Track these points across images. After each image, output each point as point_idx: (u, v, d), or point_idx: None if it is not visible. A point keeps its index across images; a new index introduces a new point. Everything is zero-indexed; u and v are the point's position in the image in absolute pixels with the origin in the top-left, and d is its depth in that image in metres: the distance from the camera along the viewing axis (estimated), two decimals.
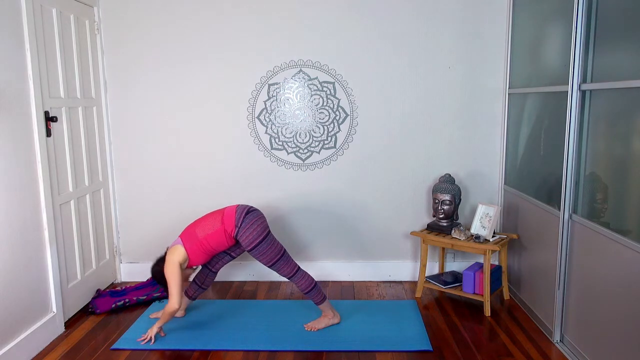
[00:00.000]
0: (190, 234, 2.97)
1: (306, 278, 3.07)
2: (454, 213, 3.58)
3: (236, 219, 2.95)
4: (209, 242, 2.95)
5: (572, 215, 2.79)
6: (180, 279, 2.91)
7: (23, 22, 2.84)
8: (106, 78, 3.78)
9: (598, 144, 2.61)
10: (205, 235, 2.94)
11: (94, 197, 3.65)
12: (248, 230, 2.93)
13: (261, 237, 2.94)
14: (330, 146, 3.84)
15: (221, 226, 2.95)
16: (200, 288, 3.26)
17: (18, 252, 2.79)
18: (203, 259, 3.01)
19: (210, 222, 2.98)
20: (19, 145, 2.80)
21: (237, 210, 2.99)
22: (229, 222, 2.95)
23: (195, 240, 2.95)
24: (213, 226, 2.96)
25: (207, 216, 3.04)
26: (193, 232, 2.97)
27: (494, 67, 3.72)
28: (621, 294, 2.35)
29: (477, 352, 2.86)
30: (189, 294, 3.28)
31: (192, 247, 2.95)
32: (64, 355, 2.88)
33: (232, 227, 2.95)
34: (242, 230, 2.93)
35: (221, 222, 2.95)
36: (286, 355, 2.85)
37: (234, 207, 3.02)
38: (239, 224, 2.94)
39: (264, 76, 3.76)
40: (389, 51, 3.71)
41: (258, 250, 2.95)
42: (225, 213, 2.99)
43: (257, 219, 2.98)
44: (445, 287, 3.50)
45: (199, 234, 2.95)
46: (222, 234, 2.95)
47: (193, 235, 2.96)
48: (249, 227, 2.93)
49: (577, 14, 2.67)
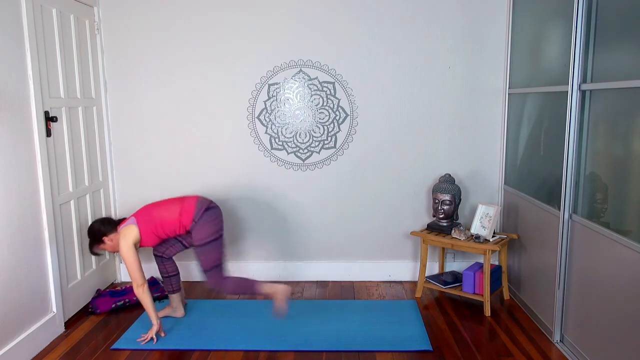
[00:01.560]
0: (147, 217, 2.97)
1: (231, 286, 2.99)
2: (454, 213, 3.58)
3: (194, 214, 2.95)
4: (164, 228, 2.96)
5: (572, 215, 2.79)
6: (137, 259, 2.91)
7: (23, 22, 2.84)
8: (106, 78, 3.78)
9: (598, 144, 2.61)
10: (161, 222, 2.95)
11: (94, 197, 3.65)
12: (203, 227, 2.94)
13: (213, 236, 2.96)
14: (330, 146, 3.84)
15: (178, 217, 2.95)
16: (169, 278, 3.23)
17: (18, 252, 2.79)
18: (154, 242, 3.01)
19: (169, 210, 2.97)
20: (19, 145, 2.80)
21: (196, 205, 2.99)
22: (186, 215, 2.95)
23: (151, 224, 2.95)
24: (170, 215, 2.96)
25: (167, 203, 3.03)
26: (150, 215, 2.97)
27: (494, 67, 3.72)
28: (621, 294, 2.35)
29: (477, 352, 2.86)
30: (168, 290, 3.25)
31: (147, 230, 2.95)
32: (64, 355, 2.88)
33: (190, 220, 2.95)
34: (198, 225, 2.94)
35: (179, 214, 2.96)
36: (286, 355, 2.85)
37: (194, 201, 3.01)
38: (197, 219, 2.95)
39: (264, 76, 3.76)
40: (389, 51, 3.71)
41: (205, 249, 2.94)
42: (185, 205, 2.98)
43: (216, 218, 2.99)
44: (445, 287, 3.50)
45: (155, 218, 2.95)
46: (177, 224, 2.96)
47: (149, 218, 2.96)
48: (205, 224, 2.94)
49: (577, 14, 2.67)
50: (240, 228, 3.94)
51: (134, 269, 2.90)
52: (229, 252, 3.97)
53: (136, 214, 3.01)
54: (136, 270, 2.90)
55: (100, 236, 3.01)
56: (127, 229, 2.94)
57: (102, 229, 3.01)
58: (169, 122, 3.82)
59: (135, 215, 3.00)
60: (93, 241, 3.04)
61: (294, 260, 3.99)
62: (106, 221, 3.06)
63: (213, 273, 2.97)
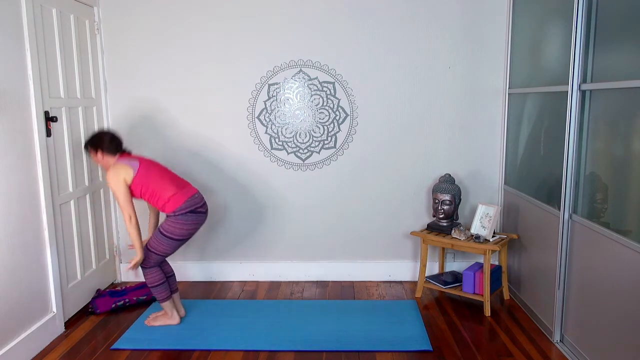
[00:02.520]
0: (146, 175, 2.95)
1: (154, 275, 3.06)
2: (454, 213, 3.58)
3: (180, 207, 2.96)
4: (150, 196, 2.96)
5: (572, 215, 2.79)
6: (127, 192, 2.91)
7: (23, 22, 2.84)
8: (106, 78, 3.78)
9: (598, 144, 2.61)
10: (152, 190, 2.95)
11: (94, 197, 3.65)
12: (176, 224, 2.96)
13: (178, 237, 2.99)
14: (330, 146, 3.84)
15: (166, 198, 2.96)
16: (167, 279, 3.21)
17: (18, 252, 2.79)
18: (136, 194, 2.98)
19: (165, 188, 2.97)
20: (19, 145, 2.80)
21: (187, 200, 2.99)
22: (173, 203, 2.96)
23: (144, 184, 2.94)
24: (162, 192, 2.96)
25: (168, 179, 3.01)
26: (148, 178, 2.95)
27: (494, 67, 3.72)
28: (621, 294, 2.35)
29: (477, 352, 2.86)
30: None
31: (138, 184, 2.93)
32: (64, 355, 2.88)
33: (172, 209, 2.96)
34: (174, 219, 2.96)
35: (169, 197, 2.96)
36: (286, 355, 2.85)
37: (189, 195, 3.01)
38: (177, 213, 2.96)
39: (264, 76, 3.76)
40: (389, 51, 3.71)
41: (162, 237, 2.97)
42: (179, 193, 2.98)
43: (193, 224, 3.01)
44: (445, 287, 3.50)
45: (150, 183, 2.95)
46: (161, 202, 2.96)
47: (146, 180, 2.95)
48: (180, 222, 2.96)
49: (577, 14, 2.67)
50: (240, 228, 3.94)
51: (123, 200, 2.90)
52: (229, 252, 3.98)
53: (141, 164, 2.98)
54: (126, 202, 2.91)
55: (97, 147, 2.99)
56: (124, 169, 2.92)
57: (104, 144, 2.98)
58: (168, 122, 3.82)
59: (140, 163, 2.97)
60: (90, 144, 3.01)
61: (294, 260, 3.99)
62: (114, 142, 3.01)
63: (152, 256, 3.02)
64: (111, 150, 3.00)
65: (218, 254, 3.99)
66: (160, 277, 3.08)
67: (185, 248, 3.88)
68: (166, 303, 3.14)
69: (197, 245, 3.97)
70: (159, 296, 3.11)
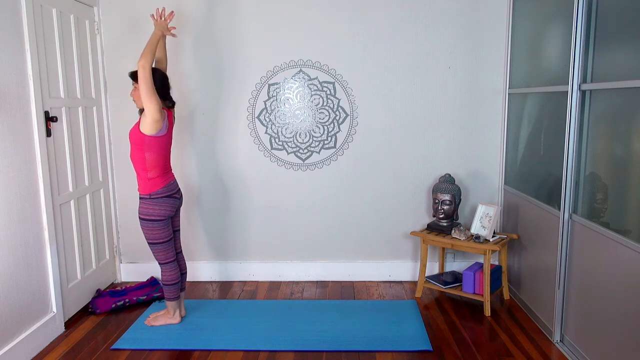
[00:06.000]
0: (163, 144, 2.93)
1: (171, 273, 3.08)
2: (454, 213, 3.58)
3: (155, 192, 2.93)
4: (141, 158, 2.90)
5: (572, 215, 2.79)
6: (153, 86, 2.78)
7: (23, 22, 2.84)
8: (106, 78, 3.78)
9: (598, 144, 2.61)
10: (149, 159, 2.89)
11: (94, 197, 3.65)
12: (156, 205, 2.95)
13: (159, 217, 2.96)
14: (330, 146, 3.84)
15: (149, 178, 2.92)
16: (181, 276, 3.23)
17: (18, 252, 2.79)
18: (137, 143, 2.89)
19: (160, 162, 2.94)
20: (19, 145, 2.80)
21: (163, 187, 2.96)
22: (151, 185, 2.93)
23: (152, 148, 2.88)
24: (154, 168, 2.92)
25: (165, 158, 2.98)
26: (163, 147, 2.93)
27: (494, 67, 3.72)
28: (621, 293, 2.35)
29: (477, 352, 2.86)
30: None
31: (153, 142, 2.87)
32: (64, 355, 2.88)
33: (147, 191, 2.94)
34: (152, 201, 2.94)
35: (151, 177, 2.92)
36: (286, 355, 2.85)
37: (167, 181, 2.99)
38: (154, 196, 2.94)
39: (264, 76, 3.76)
40: (389, 51, 3.71)
41: (147, 223, 2.96)
42: (160, 177, 2.95)
43: (172, 206, 3.00)
44: (445, 287, 3.51)
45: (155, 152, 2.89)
46: (143, 173, 2.91)
47: (160, 148, 2.91)
48: (160, 204, 2.95)
49: (577, 14, 2.67)
50: (240, 228, 3.94)
51: (146, 90, 2.77)
52: (228, 252, 3.97)
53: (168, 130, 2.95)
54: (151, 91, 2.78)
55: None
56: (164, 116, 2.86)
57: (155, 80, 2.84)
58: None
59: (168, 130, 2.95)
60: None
61: (294, 260, 3.99)
62: (165, 85, 2.98)
63: (156, 249, 3.03)
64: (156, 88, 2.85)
65: (218, 254, 3.99)
66: (177, 276, 3.11)
67: (185, 248, 3.88)
68: (173, 302, 3.15)
69: (197, 245, 3.97)
70: (169, 295, 3.11)
